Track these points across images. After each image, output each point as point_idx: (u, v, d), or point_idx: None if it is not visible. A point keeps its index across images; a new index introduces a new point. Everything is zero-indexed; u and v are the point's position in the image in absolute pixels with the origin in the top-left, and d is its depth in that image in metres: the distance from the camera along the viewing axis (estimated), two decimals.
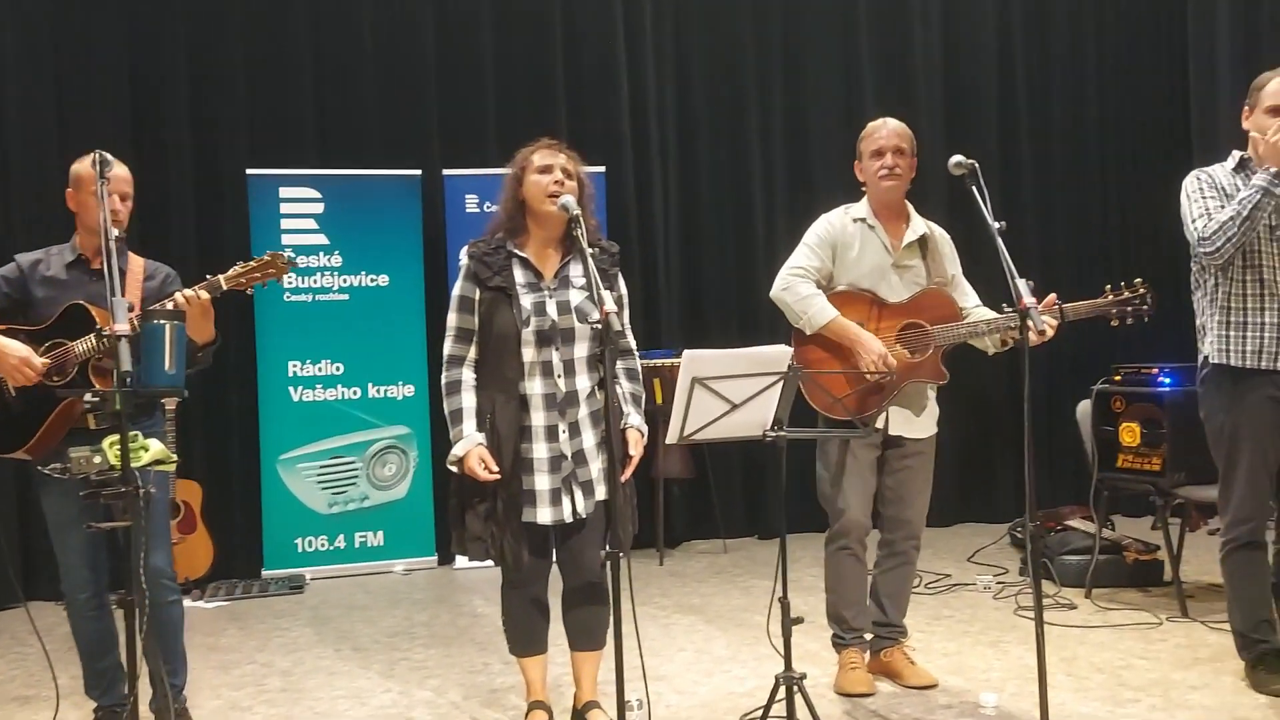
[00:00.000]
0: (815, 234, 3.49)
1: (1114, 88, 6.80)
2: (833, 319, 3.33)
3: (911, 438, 3.45)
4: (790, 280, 3.42)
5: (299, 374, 5.63)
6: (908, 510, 3.48)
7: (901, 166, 3.42)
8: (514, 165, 3.08)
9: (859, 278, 3.42)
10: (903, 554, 3.52)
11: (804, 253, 3.46)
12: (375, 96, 5.98)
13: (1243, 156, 3.34)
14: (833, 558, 3.49)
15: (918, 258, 3.47)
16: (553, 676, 3.34)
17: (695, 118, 6.40)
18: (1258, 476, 3.30)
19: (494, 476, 2.90)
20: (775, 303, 3.46)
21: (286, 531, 5.59)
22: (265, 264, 3.03)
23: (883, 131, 3.45)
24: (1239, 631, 3.42)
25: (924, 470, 3.49)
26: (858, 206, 3.52)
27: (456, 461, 2.94)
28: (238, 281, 3.02)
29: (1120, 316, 3.35)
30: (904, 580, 3.57)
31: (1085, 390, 4.80)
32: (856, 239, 3.45)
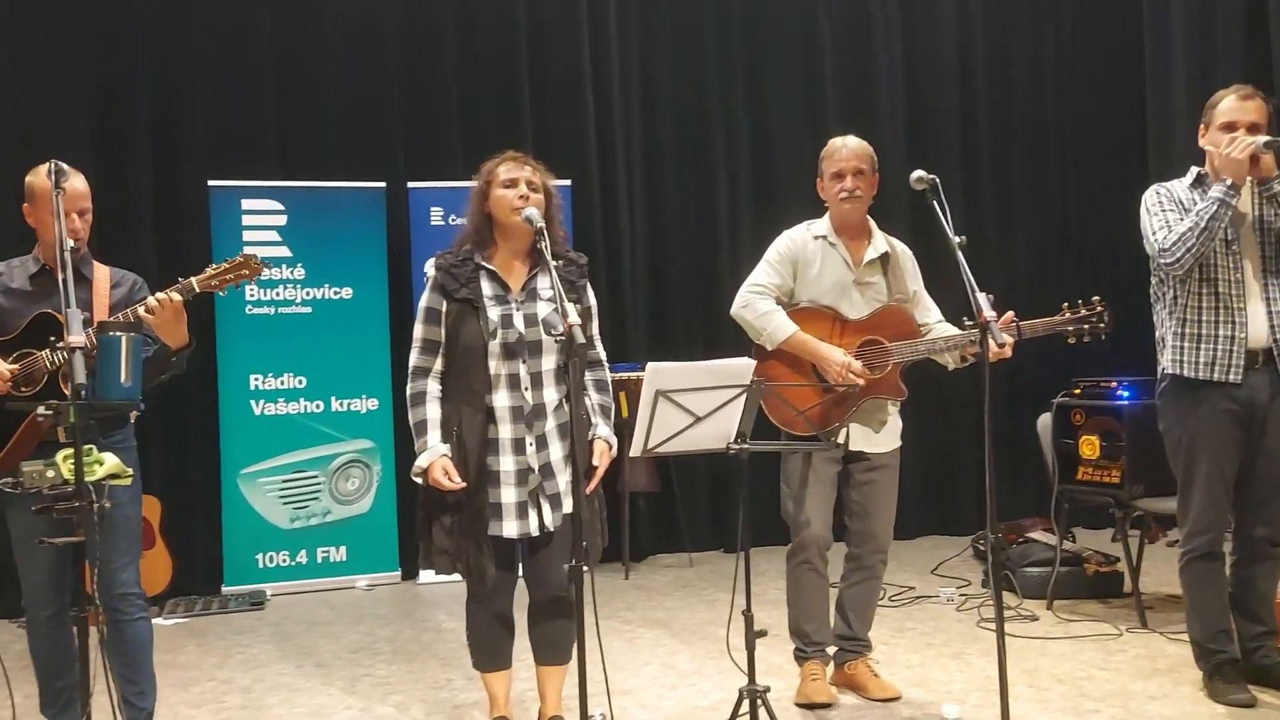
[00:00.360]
0: (776, 251, 3.52)
1: (1073, 107, 6.91)
2: (792, 334, 3.35)
3: (873, 452, 3.47)
4: (750, 297, 3.44)
5: (261, 387, 5.58)
6: (873, 524, 3.49)
7: (862, 188, 3.45)
8: (480, 178, 3.08)
9: (820, 294, 3.44)
10: (869, 568, 3.53)
11: (764, 270, 3.49)
12: (339, 108, 5.95)
13: (1200, 172, 3.41)
14: (794, 572, 3.50)
15: (879, 274, 3.50)
16: (516, 692, 3.32)
17: (660, 132, 6.42)
18: (1215, 488, 3.35)
19: (457, 486, 2.88)
20: (736, 320, 3.48)
21: (247, 547, 5.52)
22: (238, 265, 3.00)
23: (843, 153, 3.48)
24: (1197, 642, 3.46)
25: (888, 484, 3.51)
26: (819, 223, 3.54)
27: (420, 473, 2.92)
28: (209, 283, 2.98)
29: (1077, 335, 3.38)
30: (869, 594, 3.58)
31: (1047, 404, 4.84)
32: (818, 256, 3.47)
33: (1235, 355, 3.27)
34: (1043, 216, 6.84)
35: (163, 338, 2.95)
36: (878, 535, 3.50)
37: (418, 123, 6.06)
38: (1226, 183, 3.19)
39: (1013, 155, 6.84)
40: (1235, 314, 3.28)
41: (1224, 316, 3.29)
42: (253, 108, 5.84)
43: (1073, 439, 4.64)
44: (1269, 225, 3.31)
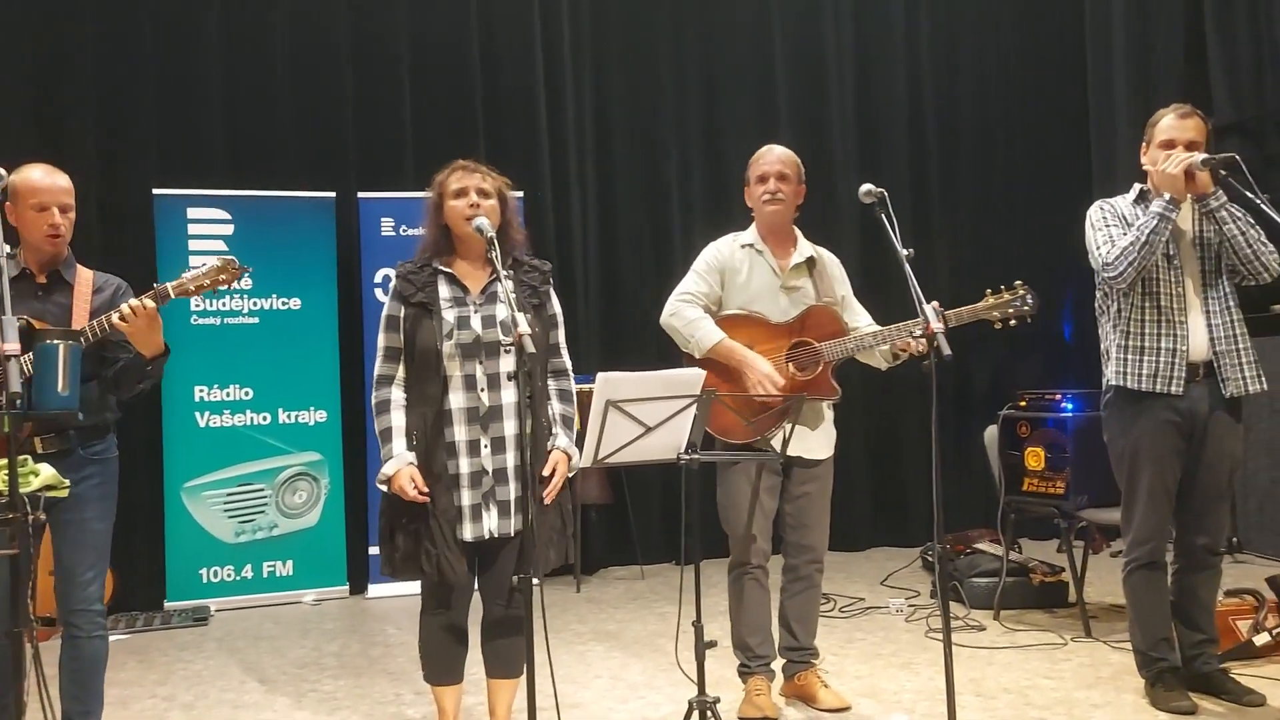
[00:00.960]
0: (704, 260, 3.54)
1: (1019, 124, 7.03)
2: (719, 341, 3.37)
3: (810, 459, 3.47)
4: (677, 305, 3.46)
5: (206, 399, 5.49)
6: (809, 535, 3.51)
7: (785, 192, 3.49)
8: (433, 191, 3.07)
9: (748, 301, 3.47)
10: (807, 578, 3.54)
11: (692, 279, 3.51)
12: (289, 116, 5.89)
13: (1143, 189, 3.48)
14: (736, 584, 3.50)
15: (805, 278, 3.53)
16: (465, 706, 3.28)
17: (613, 142, 6.44)
18: (1157, 498, 3.41)
19: (423, 498, 2.85)
20: (664, 329, 3.49)
21: (191, 561, 5.42)
22: (216, 270, 2.91)
23: (768, 157, 3.52)
24: (1139, 650, 3.52)
25: (823, 495, 3.53)
26: (746, 233, 3.58)
27: (385, 480, 2.89)
28: (186, 289, 2.90)
29: (1003, 319, 3.39)
30: (811, 603, 3.58)
31: (995, 416, 4.91)
32: (745, 264, 3.51)
33: (1176, 367, 3.34)
34: (989, 231, 6.94)
35: (137, 345, 2.87)
36: (815, 546, 3.52)
37: (369, 132, 6.01)
38: (1166, 198, 3.27)
39: (960, 171, 6.94)
40: (1177, 327, 3.35)
41: (1166, 330, 3.36)
42: (200, 115, 5.76)
43: (1018, 451, 4.70)
44: (1208, 241, 3.39)
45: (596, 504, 5.98)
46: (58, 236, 2.92)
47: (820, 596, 3.65)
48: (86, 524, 2.94)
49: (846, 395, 6.26)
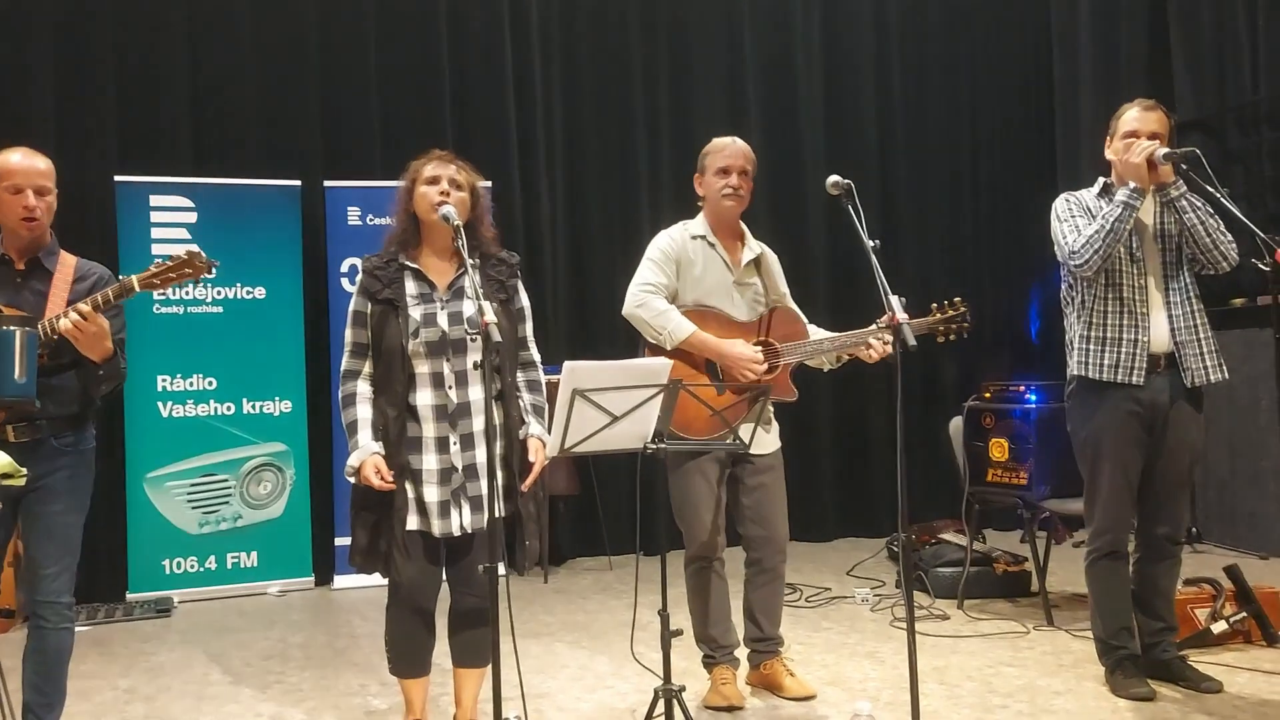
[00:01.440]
0: (659, 249, 3.50)
1: (986, 120, 7.09)
2: (692, 333, 3.35)
3: (759, 453, 3.47)
4: (644, 297, 3.41)
5: (168, 388, 5.42)
6: (770, 527, 3.50)
7: (745, 188, 3.49)
8: (406, 177, 3.06)
9: (704, 295, 3.46)
10: (771, 569, 3.54)
11: (651, 269, 3.46)
12: (254, 103, 5.82)
13: (1106, 182, 3.53)
14: (695, 578, 3.50)
15: (755, 276, 3.54)
16: (431, 696, 3.27)
17: (582, 133, 6.41)
18: (1119, 488, 3.45)
19: (389, 486, 2.84)
20: (629, 320, 3.45)
21: (153, 552, 5.36)
22: (182, 263, 2.86)
23: (732, 149, 3.50)
24: (1100, 638, 3.56)
25: (778, 485, 3.53)
26: (695, 223, 3.56)
27: (353, 472, 2.88)
28: (151, 282, 2.85)
29: (945, 334, 3.44)
30: (775, 595, 3.58)
31: (961, 408, 4.95)
32: (699, 256, 3.49)
33: (1138, 358, 3.38)
34: (955, 224, 7.00)
35: (81, 350, 2.81)
36: (777, 536, 3.52)
37: (335, 120, 5.96)
38: (1130, 186, 3.31)
39: (927, 165, 6.98)
40: (1139, 319, 3.39)
41: (1128, 321, 3.40)
42: (163, 100, 5.68)
43: (983, 442, 4.75)
44: (1169, 233, 3.43)
45: (564, 495, 5.97)
46: (33, 220, 2.85)
47: (784, 586, 3.65)
48: (55, 516, 2.90)
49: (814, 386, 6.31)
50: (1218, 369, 3.43)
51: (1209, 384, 3.42)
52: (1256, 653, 3.88)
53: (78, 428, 2.95)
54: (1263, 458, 5.71)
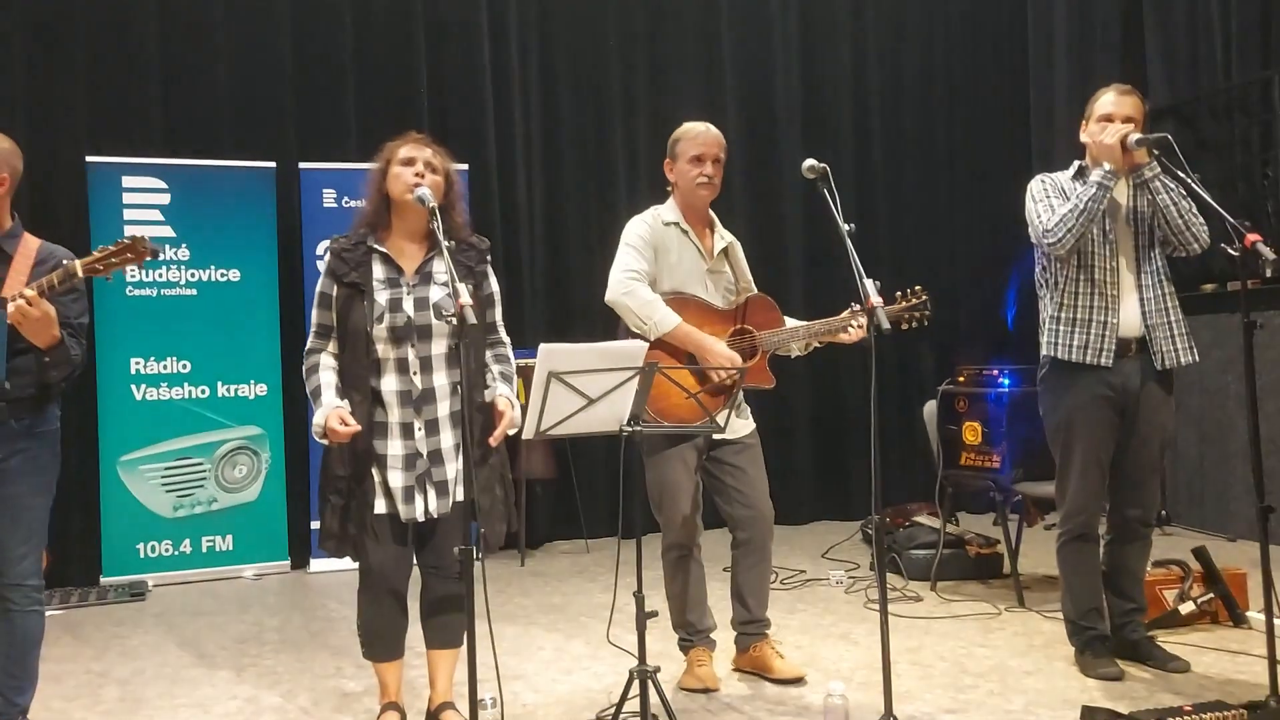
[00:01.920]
0: (637, 235, 3.46)
1: (961, 104, 7.13)
2: (678, 325, 3.33)
3: (734, 437, 3.48)
4: (630, 284, 3.36)
5: (142, 371, 5.38)
6: (757, 506, 3.49)
7: (718, 177, 3.47)
8: (379, 159, 3.04)
9: (679, 282, 3.45)
10: (760, 549, 3.53)
11: (632, 255, 3.41)
12: (228, 83, 5.76)
13: (1081, 165, 3.56)
14: (672, 566, 3.50)
15: (726, 265, 3.55)
16: (407, 679, 3.28)
17: (560, 115, 6.39)
18: (1090, 471, 3.48)
19: (354, 429, 2.82)
20: (613, 307, 3.41)
21: (128, 536, 5.33)
22: (125, 248, 2.84)
23: (706, 137, 3.46)
24: (1070, 619, 3.61)
25: (757, 464, 3.53)
26: (666, 209, 3.53)
27: (321, 432, 2.87)
28: (94, 268, 2.83)
29: (908, 321, 3.43)
30: (762, 576, 3.58)
31: (936, 392, 4.98)
32: (674, 243, 3.47)
33: (1107, 340, 3.41)
34: (931, 209, 7.03)
35: (28, 336, 2.78)
36: (763, 515, 3.50)
37: (310, 101, 5.91)
38: (1105, 168, 3.34)
39: (903, 151, 7.01)
40: (1110, 301, 3.42)
41: (1099, 303, 3.43)
42: (135, 80, 5.61)
43: (956, 425, 4.79)
44: (1142, 216, 3.47)
45: (541, 479, 5.98)
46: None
47: (771, 568, 3.64)
48: (19, 499, 2.88)
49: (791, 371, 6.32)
50: (1188, 351, 3.47)
51: (1179, 366, 3.46)
52: (1223, 633, 3.94)
53: (36, 410, 2.92)
54: (1231, 442, 5.79)
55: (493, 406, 2.96)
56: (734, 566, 3.59)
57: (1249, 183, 6.25)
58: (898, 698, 2.99)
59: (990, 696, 3.35)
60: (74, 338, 2.97)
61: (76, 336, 3.00)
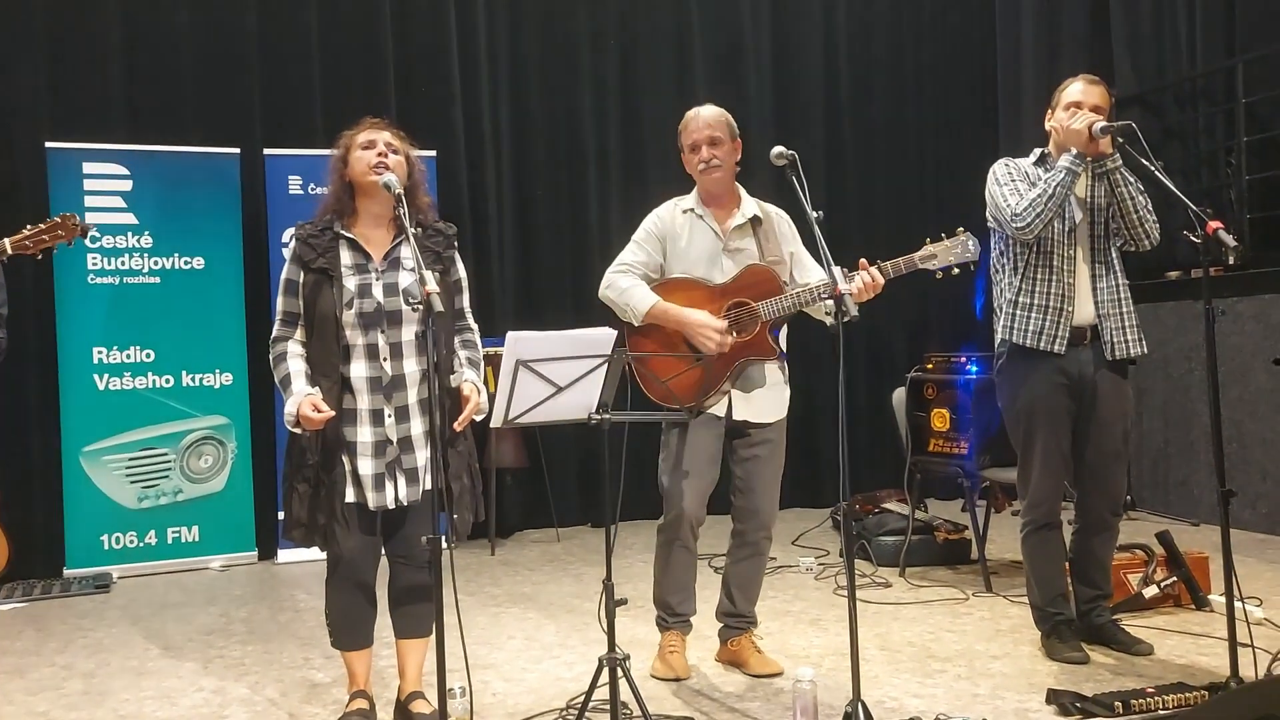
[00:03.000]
0: (644, 229, 3.49)
1: (930, 91, 7.15)
2: (653, 304, 3.32)
3: (758, 423, 3.42)
4: (612, 277, 3.41)
5: (105, 361, 5.31)
6: (757, 500, 3.45)
7: (719, 156, 3.41)
8: (339, 146, 3.01)
9: (691, 265, 3.41)
10: (753, 544, 3.49)
11: (631, 248, 3.47)
12: (191, 68, 5.68)
13: (1043, 152, 3.59)
14: (663, 548, 3.47)
15: (749, 239, 3.44)
16: (377, 668, 3.27)
17: (529, 102, 6.35)
18: (1051, 460, 3.51)
19: (329, 414, 2.80)
20: (604, 302, 3.45)
21: (91, 528, 5.26)
22: (54, 225, 2.83)
23: (696, 124, 3.44)
24: (1036, 605, 3.64)
25: (773, 460, 3.46)
26: (687, 198, 3.52)
27: (293, 421, 2.83)
28: (24, 245, 2.79)
29: (944, 269, 3.28)
30: (755, 571, 3.54)
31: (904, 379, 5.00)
32: (685, 229, 3.45)
33: (1061, 327, 3.44)
34: (901, 197, 7.05)
35: None
36: (761, 511, 3.45)
37: (275, 87, 5.84)
38: (1072, 153, 3.36)
39: (874, 137, 7.02)
40: (1067, 289, 3.45)
41: (1057, 290, 3.46)
42: (96, 64, 5.52)
43: (925, 412, 4.81)
44: (1099, 207, 3.49)
45: (512, 468, 5.96)
46: None
47: (765, 565, 3.60)
48: None
49: None
50: (1138, 343, 3.50)
51: (1128, 356, 3.49)
52: (1185, 615, 3.99)
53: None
54: (1194, 428, 5.86)
55: (459, 392, 2.94)
56: (728, 556, 3.56)
57: (1213, 170, 6.33)
58: (866, 682, 3.01)
59: (957, 680, 3.38)
60: None
61: None
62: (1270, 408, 5.40)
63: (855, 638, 2.73)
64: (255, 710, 3.32)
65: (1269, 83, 5.90)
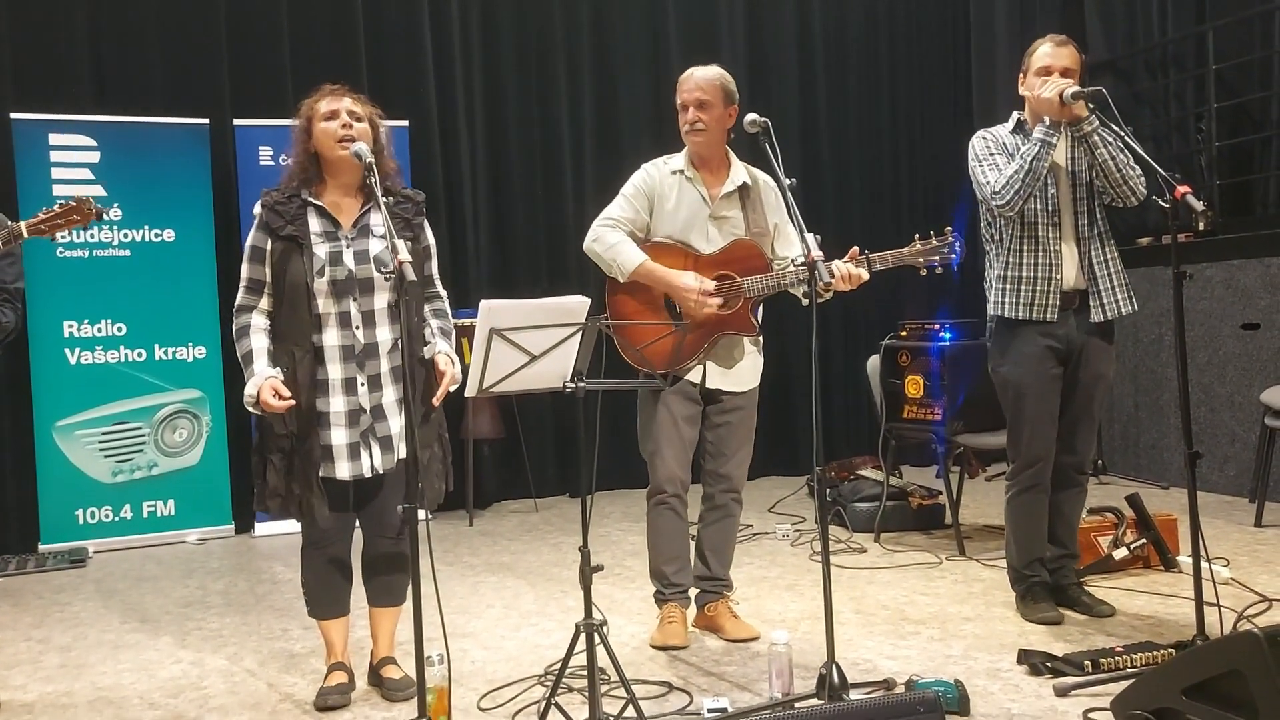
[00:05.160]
0: (633, 184, 3.46)
1: (904, 57, 7.14)
2: (641, 263, 3.30)
3: (729, 391, 3.44)
4: (599, 231, 3.38)
5: (76, 335, 5.26)
6: (727, 464, 3.48)
7: (705, 119, 3.37)
8: (300, 117, 2.98)
9: (677, 230, 3.39)
10: (723, 507, 3.52)
11: (619, 203, 3.43)
12: (158, 36, 5.59)
13: (1020, 118, 3.58)
14: (652, 513, 3.48)
15: (736, 208, 3.43)
16: (355, 640, 3.28)
17: (501, 70, 6.29)
18: (1042, 422, 3.54)
19: (289, 404, 2.80)
20: (588, 255, 3.42)
21: (66, 503, 5.23)
22: (69, 209, 2.83)
23: (686, 85, 3.41)
24: (1014, 566, 3.68)
25: (744, 425, 3.49)
26: (677, 157, 3.48)
27: (253, 401, 2.83)
28: (40, 229, 2.79)
29: (928, 266, 3.31)
30: (726, 534, 3.57)
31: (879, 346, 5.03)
32: (674, 190, 3.42)
33: (1051, 295, 3.47)
34: (875, 162, 7.06)
35: None
36: (730, 475, 3.49)
37: (245, 56, 5.75)
38: (1046, 123, 3.36)
39: (847, 108, 7.01)
40: (1053, 257, 3.47)
41: (1043, 260, 3.48)
42: (62, 33, 5.42)
43: (899, 379, 4.85)
44: (1079, 172, 3.51)
45: (489, 439, 5.96)
46: None
47: (737, 527, 3.62)
48: None
49: None
50: (1128, 301, 3.53)
51: (1120, 316, 3.53)
52: (1154, 576, 4.06)
53: None
54: (1165, 393, 5.93)
55: (433, 364, 2.94)
56: (700, 520, 3.58)
57: (1184, 136, 6.37)
58: (841, 645, 3.05)
59: (931, 642, 3.42)
60: (9, 303, 2.90)
61: (12, 302, 2.94)
62: (1238, 372, 5.48)
63: (829, 601, 2.76)
64: (234, 681, 3.32)
65: (1239, 49, 5.93)
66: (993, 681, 3.03)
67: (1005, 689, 2.97)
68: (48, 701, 3.21)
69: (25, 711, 3.13)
